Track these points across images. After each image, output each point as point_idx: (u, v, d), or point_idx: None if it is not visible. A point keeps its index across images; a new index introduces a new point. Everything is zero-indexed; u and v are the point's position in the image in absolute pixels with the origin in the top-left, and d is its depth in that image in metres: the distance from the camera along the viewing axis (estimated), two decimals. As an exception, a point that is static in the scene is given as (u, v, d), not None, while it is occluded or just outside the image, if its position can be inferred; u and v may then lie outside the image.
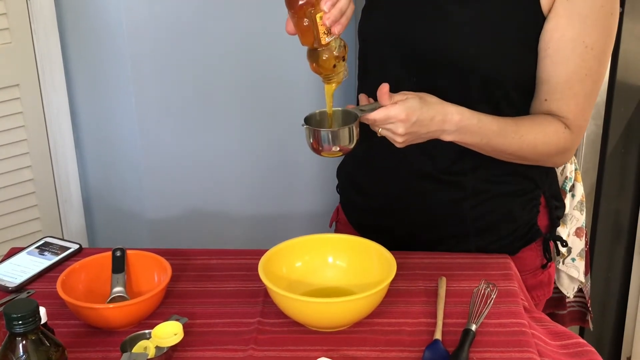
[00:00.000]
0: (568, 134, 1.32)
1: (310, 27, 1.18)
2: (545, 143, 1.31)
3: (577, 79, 1.29)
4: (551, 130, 1.31)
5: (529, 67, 1.31)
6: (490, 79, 1.30)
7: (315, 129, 1.22)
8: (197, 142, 2.01)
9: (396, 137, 1.21)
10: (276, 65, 1.99)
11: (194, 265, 1.39)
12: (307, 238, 1.34)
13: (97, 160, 2.06)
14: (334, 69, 1.22)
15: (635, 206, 2.15)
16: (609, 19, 1.28)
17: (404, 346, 1.17)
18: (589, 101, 1.32)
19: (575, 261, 1.60)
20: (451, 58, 1.30)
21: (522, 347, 1.16)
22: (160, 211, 2.03)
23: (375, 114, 1.20)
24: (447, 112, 1.23)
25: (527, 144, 1.30)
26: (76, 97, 1.99)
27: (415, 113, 1.19)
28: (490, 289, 1.24)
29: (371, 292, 1.17)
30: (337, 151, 1.23)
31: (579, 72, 1.29)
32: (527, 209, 1.42)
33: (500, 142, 1.29)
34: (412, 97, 1.21)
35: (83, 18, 1.91)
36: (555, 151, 1.33)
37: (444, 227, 1.42)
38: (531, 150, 1.31)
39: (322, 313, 1.18)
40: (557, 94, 1.30)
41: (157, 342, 1.12)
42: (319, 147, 1.22)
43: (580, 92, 1.30)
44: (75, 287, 1.25)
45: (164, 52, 1.90)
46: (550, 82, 1.30)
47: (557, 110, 1.31)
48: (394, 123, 1.19)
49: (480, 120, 1.26)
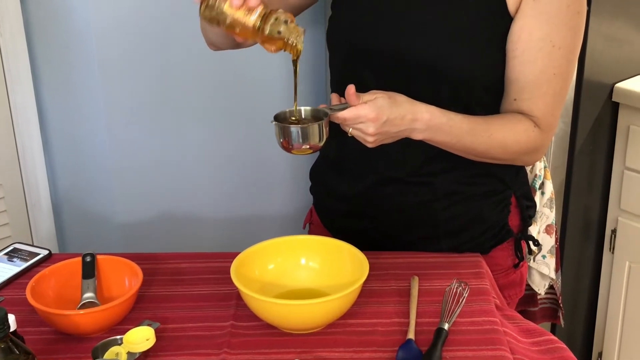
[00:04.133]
0: (538, 133, 1.33)
1: (232, 21, 1.16)
2: (516, 141, 1.32)
3: (546, 78, 1.30)
4: (521, 128, 1.32)
5: (498, 67, 1.32)
6: (459, 80, 1.31)
7: (284, 125, 1.21)
8: (168, 144, 2.00)
9: (367, 136, 1.21)
10: (246, 65, 1.98)
11: (166, 270, 1.38)
12: (279, 240, 1.34)
13: (66, 164, 2.04)
14: (282, 35, 1.18)
15: (604, 203, 2.18)
16: (576, 18, 1.29)
17: (378, 346, 1.17)
18: (558, 100, 1.33)
19: (545, 258, 1.61)
20: (418, 61, 1.30)
21: (495, 345, 1.17)
22: (131, 215, 2.02)
23: (345, 112, 1.20)
24: (416, 111, 1.23)
25: (497, 142, 1.31)
26: (44, 100, 1.97)
27: (385, 112, 1.20)
28: (462, 288, 1.25)
29: (344, 293, 1.17)
30: (307, 148, 1.22)
31: (547, 72, 1.30)
32: (498, 209, 1.43)
33: (470, 141, 1.29)
34: (381, 96, 1.21)
35: (50, 20, 1.89)
36: (526, 150, 1.34)
37: (416, 229, 1.43)
38: (501, 149, 1.32)
39: (295, 315, 1.18)
40: (526, 94, 1.31)
41: (129, 347, 1.11)
42: (288, 145, 1.22)
43: (549, 91, 1.31)
44: (45, 293, 1.24)
45: (132, 53, 1.88)
46: (519, 82, 1.31)
47: (527, 110, 1.32)
48: (364, 122, 1.19)
49: (450, 119, 1.26)
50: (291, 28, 1.19)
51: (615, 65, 2.05)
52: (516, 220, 1.46)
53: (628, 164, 2.09)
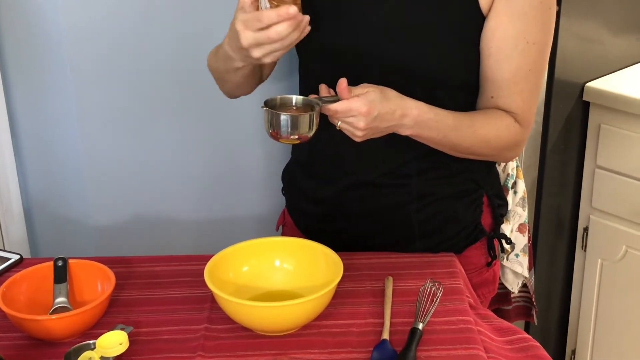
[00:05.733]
0: (518, 128, 1.34)
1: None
2: (498, 137, 1.33)
3: (522, 75, 1.31)
4: (503, 124, 1.33)
5: (472, 66, 1.33)
6: (432, 80, 1.31)
7: (275, 112, 1.19)
8: (141, 147, 1.98)
9: (356, 130, 1.20)
10: (219, 68, 1.98)
11: (139, 273, 1.37)
12: (253, 242, 1.34)
13: (38, 168, 2.01)
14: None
15: (576, 201, 2.20)
16: (548, 13, 1.30)
17: (352, 347, 1.17)
18: (534, 95, 1.35)
19: (519, 257, 1.62)
20: (387, 61, 1.31)
21: (469, 344, 1.17)
22: (104, 218, 2.00)
23: (337, 105, 1.19)
24: (406, 107, 1.23)
25: (481, 138, 1.32)
26: (14, 103, 1.95)
27: (377, 107, 1.19)
28: (436, 288, 1.25)
29: (318, 294, 1.17)
30: (295, 138, 1.20)
31: (522, 68, 1.31)
32: (471, 209, 1.44)
33: (455, 136, 1.30)
34: (373, 90, 1.20)
35: (21, 23, 1.87)
36: (507, 145, 1.35)
37: (390, 231, 1.43)
38: (484, 144, 1.33)
39: (270, 317, 1.18)
40: (504, 91, 1.32)
41: (102, 352, 1.10)
42: (276, 133, 1.20)
43: (525, 87, 1.32)
44: (17, 298, 1.22)
45: (105, 57, 1.87)
46: (495, 80, 1.32)
47: (505, 107, 1.33)
48: (355, 116, 1.19)
49: (437, 114, 1.27)
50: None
51: (585, 64, 2.07)
52: (488, 219, 1.47)
53: (599, 163, 2.11)
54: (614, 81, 2.10)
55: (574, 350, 2.31)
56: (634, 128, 2.01)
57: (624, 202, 2.07)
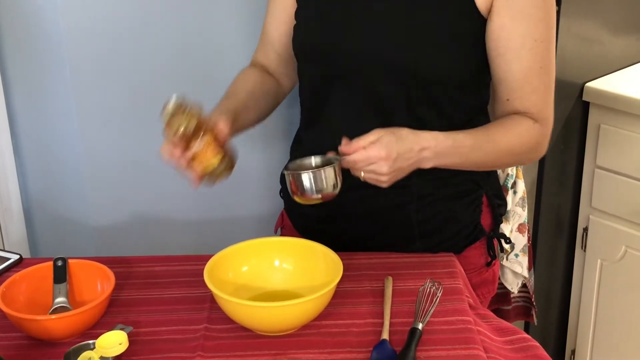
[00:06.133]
0: (538, 128, 1.33)
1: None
2: (521, 144, 1.33)
3: (534, 74, 1.31)
4: (523, 129, 1.32)
5: (470, 66, 1.33)
6: (428, 81, 1.31)
7: (296, 172, 1.20)
8: (141, 147, 1.98)
9: (381, 177, 1.20)
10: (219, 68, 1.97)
11: (138, 273, 1.37)
12: (253, 242, 1.34)
13: (38, 168, 2.01)
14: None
15: (576, 201, 2.20)
16: (550, 10, 1.30)
17: (352, 347, 1.17)
18: (549, 92, 1.34)
19: (518, 257, 1.62)
20: (383, 63, 1.31)
21: (468, 344, 1.17)
22: (104, 218, 2.00)
23: (356, 155, 1.18)
24: (422, 140, 1.22)
25: (504, 150, 1.32)
26: (14, 104, 1.95)
27: (394, 148, 1.18)
28: (435, 288, 1.25)
29: (318, 294, 1.17)
30: (319, 197, 1.21)
31: (534, 67, 1.30)
32: (470, 209, 1.44)
33: (478, 156, 1.30)
34: (385, 133, 1.20)
35: (21, 23, 1.87)
36: (530, 148, 1.35)
37: (390, 232, 1.43)
38: (508, 154, 1.33)
39: (269, 317, 1.18)
40: (518, 92, 1.31)
41: (102, 352, 1.10)
42: (302, 193, 1.21)
43: (540, 85, 1.32)
44: (16, 298, 1.22)
45: (104, 56, 1.87)
46: (507, 81, 1.31)
47: (522, 108, 1.32)
48: (375, 163, 1.18)
49: (455, 140, 1.26)
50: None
51: (585, 64, 2.07)
52: (488, 219, 1.47)
53: (599, 163, 2.11)
54: (613, 81, 2.10)
55: (574, 351, 2.31)
56: (634, 128, 2.01)
57: (624, 202, 2.07)
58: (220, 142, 1.22)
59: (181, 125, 1.18)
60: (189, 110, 1.19)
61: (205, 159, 1.21)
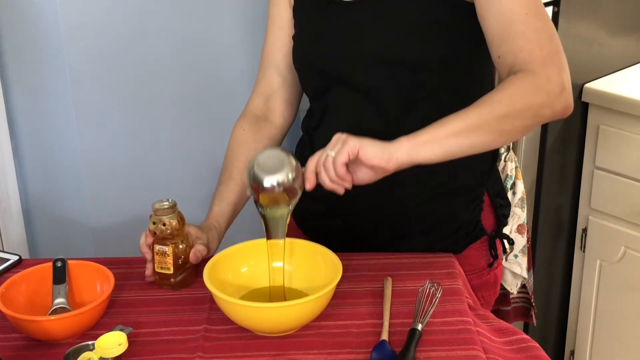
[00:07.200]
0: (535, 75, 1.22)
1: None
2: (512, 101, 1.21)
3: (519, 20, 1.24)
4: (508, 84, 1.22)
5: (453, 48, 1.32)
6: (416, 65, 1.31)
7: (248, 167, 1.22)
8: (140, 147, 1.98)
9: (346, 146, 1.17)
10: (219, 67, 1.98)
11: (138, 274, 1.37)
12: (253, 243, 1.34)
13: (37, 169, 2.01)
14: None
15: (575, 202, 2.20)
16: None
17: (352, 348, 1.17)
18: (542, 33, 1.25)
19: (518, 258, 1.62)
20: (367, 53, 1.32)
21: (468, 345, 1.17)
22: (103, 219, 2.00)
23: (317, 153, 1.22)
24: (387, 141, 1.19)
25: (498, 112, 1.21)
26: (13, 104, 1.95)
27: (349, 135, 1.18)
28: (435, 288, 1.25)
29: (317, 295, 1.17)
30: (280, 190, 1.21)
31: (517, 13, 1.24)
32: (471, 207, 1.44)
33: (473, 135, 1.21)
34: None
35: (19, 23, 1.87)
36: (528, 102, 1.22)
37: (388, 228, 1.43)
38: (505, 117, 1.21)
39: (269, 318, 1.18)
40: (506, 43, 1.25)
41: (101, 353, 1.10)
42: (257, 186, 1.21)
43: (527, 29, 1.24)
44: (16, 299, 1.22)
45: (103, 56, 1.87)
46: (495, 38, 1.26)
47: (514, 58, 1.25)
48: (339, 144, 1.18)
49: (431, 126, 1.20)
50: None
51: (584, 65, 2.08)
52: (490, 219, 1.47)
53: (598, 164, 2.11)
54: (612, 82, 2.10)
55: (573, 351, 2.31)
56: (633, 129, 2.01)
57: (623, 203, 2.08)
58: (187, 259, 1.32)
59: (158, 225, 1.32)
60: (172, 215, 1.33)
61: (163, 263, 1.31)
